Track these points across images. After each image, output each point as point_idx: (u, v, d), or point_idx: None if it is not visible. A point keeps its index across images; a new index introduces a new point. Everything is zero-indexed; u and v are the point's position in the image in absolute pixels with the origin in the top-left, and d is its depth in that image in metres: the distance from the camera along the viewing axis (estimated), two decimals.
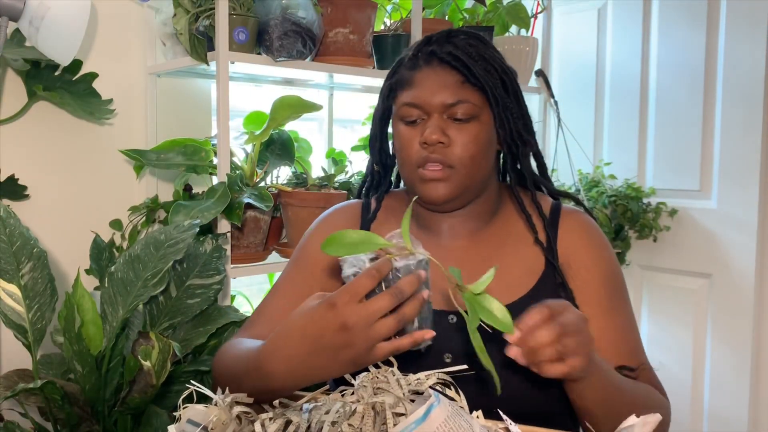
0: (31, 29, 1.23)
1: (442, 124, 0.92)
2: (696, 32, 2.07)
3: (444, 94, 0.92)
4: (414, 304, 0.72)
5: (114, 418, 1.21)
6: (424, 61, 0.95)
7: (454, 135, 0.92)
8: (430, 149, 0.92)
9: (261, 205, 1.50)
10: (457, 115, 0.92)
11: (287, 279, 1.05)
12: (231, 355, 0.91)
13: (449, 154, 0.92)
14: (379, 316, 0.70)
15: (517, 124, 0.97)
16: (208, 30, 1.48)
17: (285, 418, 0.72)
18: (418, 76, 0.95)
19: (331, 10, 1.67)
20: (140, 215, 1.65)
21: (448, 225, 1.01)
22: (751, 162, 1.95)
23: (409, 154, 0.94)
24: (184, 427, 0.72)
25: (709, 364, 2.07)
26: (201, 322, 1.33)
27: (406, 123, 0.95)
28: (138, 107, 1.71)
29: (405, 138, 0.95)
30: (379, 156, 1.08)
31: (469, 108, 0.92)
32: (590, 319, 0.94)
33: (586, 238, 1.00)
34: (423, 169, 0.93)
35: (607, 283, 0.98)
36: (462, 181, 0.94)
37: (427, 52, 0.95)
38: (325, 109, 2.10)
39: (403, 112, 0.95)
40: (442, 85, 0.93)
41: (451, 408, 0.64)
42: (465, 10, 2.05)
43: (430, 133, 0.91)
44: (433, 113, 0.93)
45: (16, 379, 1.20)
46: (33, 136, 1.56)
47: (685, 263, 2.13)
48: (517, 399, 0.87)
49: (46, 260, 1.22)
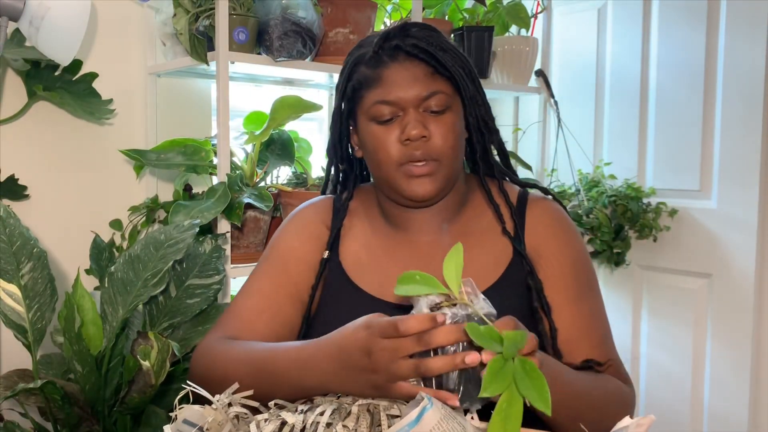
0: (31, 29, 1.24)
1: (420, 118, 0.91)
2: (696, 32, 2.07)
3: (417, 87, 0.91)
4: (443, 361, 0.68)
5: (114, 418, 1.21)
6: (389, 57, 0.93)
7: (433, 128, 0.91)
8: (413, 145, 0.91)
9: (261, 205, 1.50)
10: (432, 107, 0.91)
11: (259, 277, 1.03)
12: (228, 358, 0.90)
13: (432, 148, 0.91)
14: (403, 355, 0.70)
15: (481, 111, 0.97)
16: (208, 30, 1.48)
17: (280, 419, 0.72)
18: (386, 73, 0.92)
19: (331, 10, 1.67)
20: (140, 215, 1.66)
21: (418, 220, 1.00)
22: (751, 162, 1.95)
23: (388, 153, 0.92)
24: (180, 427, 0.72)
25: (709, 364, 2.07)
26: (201, 322, 1.33)
27: (378, 122, 0.93)
28: (138, 107, 1.71)
29: (380, 138, 0.93)
30: (342, 156, 1.06)
31: (443, 98, 0.92)
32: (559, 307, 0.94)
33: (554, 226, 0.99)
34: (408, 165, 0.92)
35: (575, 271, 0.97)
36: (447, 174, 0.94)
37: (390, 47, 0.93)
38: (325, 109, 2.10)
39: (374, 111, 0.93)
40: (413, 78, 0.91)
41: (444, 410, 0.64)
42: (465, 10, 2.05)
43: (412, 128, 0.90)
44: (409, 108, 0.91)
45: (16, 379, 1.20)
46: (33, 136, 1.56)
47: (685, 263, 2.13)
48: None
49: (46, 260, 1.22)
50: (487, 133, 0.99)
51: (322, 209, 1.07)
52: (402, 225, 1.01)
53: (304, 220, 1.06)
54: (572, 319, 0.94)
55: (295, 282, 1.01)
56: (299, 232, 1.05)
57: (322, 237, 1.04)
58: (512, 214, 0.99)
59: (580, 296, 0.96)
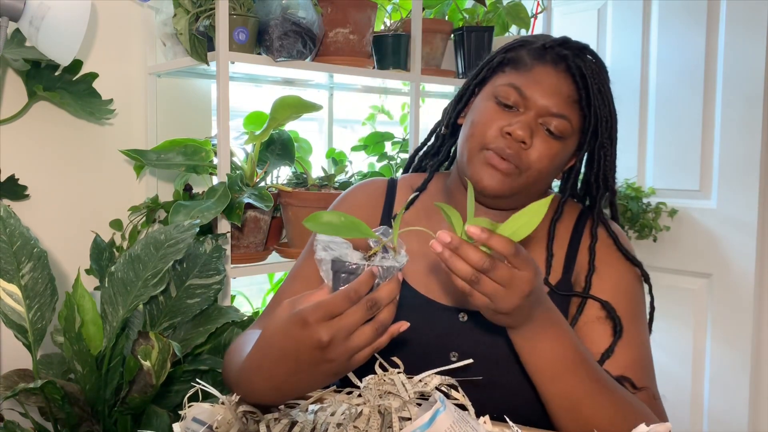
0: (32, 29, 1.24)
1: (534, 126, 0.88)
2: (696, 32, 2.07)
3: (554, 99, 0.88)
4: (391, 308, 0.68)
5: (114, 418, 1.21)
6: (552, 59, 0.91)
7: (538, 143, 0.88)
8: (509, 142, 0.88)
9: (261, 205, 1.50)
10: (551, 126, 0.89)
11: (304, 263, 1.01)
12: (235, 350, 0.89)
13: (523, 156, 0.88)
14: (355, 329, 0.67)
15: (605, 164, 0.94)
16: (208, 30, 1.48)
17: (290, 418, 0.71)
18: (539, 69, 0.90)
19: (331, 10, 1.67)
20: (140, 215, 1.66)
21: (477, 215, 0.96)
22: (751, 162, 1.95)
23: (484, 132, 0.90)
24: (189, 425, 0.72)
25: (709, 364, 2.07)
26: (201, 322, 1.33)
27: (497, 102, 0.91)
28: (138, 107, 1.71)
29: (489, 115, 0.90)
30: (452, 119, 1.02)
31: (566, 127, 0.89)
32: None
33: (610, 246, 0.96)
34: (491, 153, 0.89)
35: (628, 295, 0.94)
36: (519, 187, 0.90)
37: (559, 54, 0.91)
38: (325, 109, 2.10)
39: (503, 91, 0.90)
40: (556, 90, 0.89)
41: (457, 414, 0.64)
42: (465, 10, 2.05)
43: (520, 128, 0.87)
44: (532, 111, 0.89)
45: (16, 379, 1.20)
46: (33, 136, 1.56)
47: (685, 263, 2.13)
48: (523, 405, 0.86)
49: (46, 260, 1.22)
50: (603, 189, 0.96)
51: (375, 190, 1.04)
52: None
53: (356, 203, 1.03)
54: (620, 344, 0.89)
55: None
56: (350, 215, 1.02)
57: (373, 224, 0.99)
58: (572, 233, 0.97)
59: (634, 322, 0.91)
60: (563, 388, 0.78)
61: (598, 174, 0.96)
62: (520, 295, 0.69)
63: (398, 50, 1.80)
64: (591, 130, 0.92)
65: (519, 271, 0.69)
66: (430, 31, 1.89)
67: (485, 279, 0.68)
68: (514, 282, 0.69)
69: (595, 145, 0.94)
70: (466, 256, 0.67)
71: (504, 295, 0.69)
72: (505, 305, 0.70)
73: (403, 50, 1.81)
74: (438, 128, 1.07)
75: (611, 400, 0.79)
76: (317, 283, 0.81)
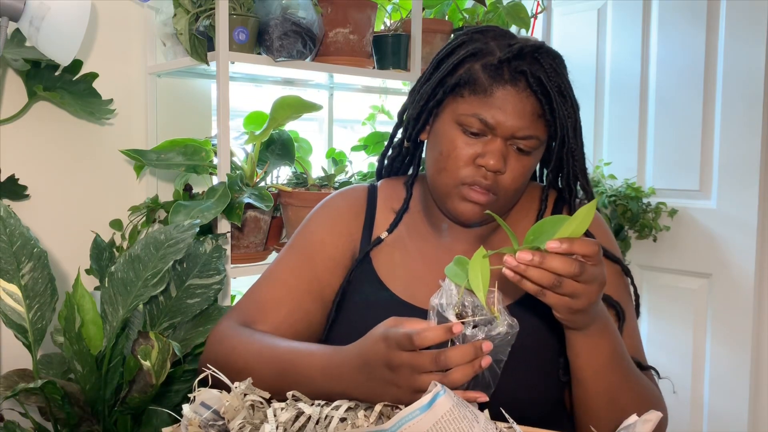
0: (32, 29, 1.24)
1: (505, 151, 0.88)
2: (696, 32, 2.07)
3: (519, 123, 0.87)
4: (464, 372, 0.69)
5: (114, 418, 1.21)
6: (510, 77, 0.87)
7: (511, 164, 0.89)
8: (484, 173, 0.88)
9: (261, 205, 1.50)
10: (520, 145, 0.89)
11: (284, 267, 1.00)
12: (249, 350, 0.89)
13: (500, 184, 0.89)
14: (421, 372, 0.70)
15: (576, 166, 0.94)
16: (208, 30, 1.48)
17: (297, 409, 0.74)
18: (498, 92, 0.87)
19: (331, 10, 1.67)
20: (140, 215, 1.66)
21: (457, 229, 0.98)
22: (751, 162, 1.95)
23: (456, 166, 0.89)
24: (197, 408, 0.74)
25: (709, 364, 2.07)
26: (201, 322, 1.33)
27: (464, 131, 0.89)
28: (138, 107, 1.71)
29: (457, 147, 0.89)
30: (410, 136, 0.99)
31: (535, 144, 0.89)
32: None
33: (598, 235, 0.97)
34: (467, 188, 0.89)
35: (616, 283, 0.95)
36: (498, 209, 0.92)
37: (517, 69, 0.87)
38: (325, 109, 2.10)
39: (466, 120, 0.88)
40: (521, 113, 0.87)
41: (457, 399, 0.65)
42: (465, 10, 2.05)
43: (493, 159, 0.87)
44: (500, 138, 0.88)
45: (16, 379, 1.20)
46: (33, 136, 1.56)
47: (684, 263, 2.13)
48: (518, 403, 0.87)
49: (46, 260, 1.22)
50: (576, 189, 0.97)
51: (355, 200, 1.04)
52: (441, 228, 0.99)
53: (337, 211, 1.03)
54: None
55: (319, 278, 0.98)
56: (331, 225, 1.02)
57: (354, 233, 1.01)
58: None
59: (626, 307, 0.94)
60: (612, 381, 0.82)
61: (569, 176, 0.95)
62: (598, 290, 0.73)
63: (398, 50, 1.80)
64: (563, 140, 0.92)
65: (598, 267, 0.72)
66: (430, 31, 1.89)
67: (567, 281, 0.70)
68: (598, 279, 0.72)
69: (563, 151, 0.94)
70: (551, 266, 0.69)
71: (583, 292, 0.71)
72: (581, 304, 0.72)
73: (403, 50, 1.81)
74: (401, 140, 1.04)
75: (641, 386, 0.86)
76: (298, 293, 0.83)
